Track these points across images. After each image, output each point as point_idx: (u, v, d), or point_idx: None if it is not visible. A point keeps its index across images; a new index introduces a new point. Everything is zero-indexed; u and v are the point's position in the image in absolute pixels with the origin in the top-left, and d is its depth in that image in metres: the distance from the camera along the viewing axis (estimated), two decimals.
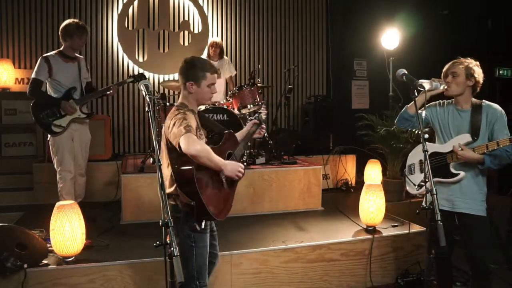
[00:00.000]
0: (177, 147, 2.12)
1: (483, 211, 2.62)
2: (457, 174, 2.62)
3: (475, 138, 2.58)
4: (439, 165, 2.68)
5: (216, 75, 2.35)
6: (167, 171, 2.23)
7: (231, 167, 2.24)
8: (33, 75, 3.55)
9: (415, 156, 2.92)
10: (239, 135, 2.62)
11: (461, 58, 2.70)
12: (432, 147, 2.74)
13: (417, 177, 2.82)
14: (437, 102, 2.82)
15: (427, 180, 2.24)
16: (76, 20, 3.68)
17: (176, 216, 2.17)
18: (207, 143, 2.33)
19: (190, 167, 2.09)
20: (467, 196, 2.63)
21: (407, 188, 2.90)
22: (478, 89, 2.65)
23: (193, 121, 2.18)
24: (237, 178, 2.30)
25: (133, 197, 3.90)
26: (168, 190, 2.21)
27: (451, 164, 2.64)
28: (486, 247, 2.65)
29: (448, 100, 2.78)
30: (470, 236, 2.64)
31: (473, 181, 2.63)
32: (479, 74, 2.64)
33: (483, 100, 2.67)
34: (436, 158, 2.71)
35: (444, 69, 2.72)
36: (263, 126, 2.68)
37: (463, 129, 2.65)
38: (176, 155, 2.17)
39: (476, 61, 2.68)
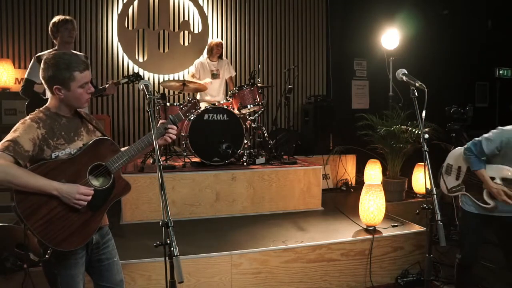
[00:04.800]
0: None
1: None
2: (488, 204, 2.59)
3: None
4: (475, 184, 2.64)
5: (88, 71, 1.93)
6: None
7: (66, 191, 1.79)
8: (26, 75, 3.54)
9: (457, 159, 2.84)
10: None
11: None
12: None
13: (451, 181, 2.81)
14: None
15: (460, 188, 2.14)
16: (60, 16, 3.66)
17: None
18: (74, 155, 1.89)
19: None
20: None
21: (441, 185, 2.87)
22: None
23: (30, 133, 1.80)
24: (75, 205, 1.82)
25: (132, 197, 3.89)
26: None
27: (485, 190, 2.61)
28: None
29: None
30: None
31: None
32: None
33: None
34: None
35: None
36: (169, 128, 2.10)
37: None
38: None
39: None
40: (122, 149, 2.07)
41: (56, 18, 3.62)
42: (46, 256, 1.82)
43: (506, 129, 2.60)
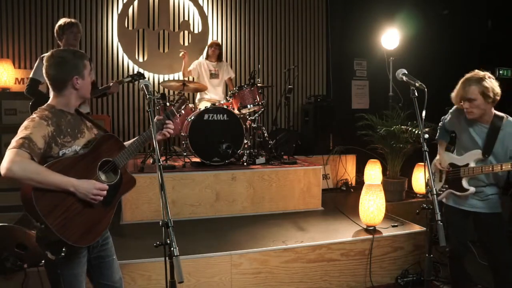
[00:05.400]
0: None
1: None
2: (467, 190, 2.64)
3: (486, 155, 2.58)
4: (454, 178, 2.70)
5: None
6: None
7: (83, 187, 1.81)
8: (31, 75, 3.59)
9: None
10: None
11: (469, 76, 2.57)
12: (451, 158, 2.78)
13: (435, 185, 2.85)
14: (462, 109, 2.69)
15: (444, 189, 2.31)
16: (66, 19, 3.71)
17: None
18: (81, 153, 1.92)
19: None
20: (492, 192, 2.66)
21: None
22: (498, 98, 2.55)
23: (41, 130, 1.79)
24: (93, 200, 1.85)
25: (132, 197, 3.89)
26: None
27: (463, 178, 2.66)
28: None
29: None
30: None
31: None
32: (494, 87, 2.52)
33: (508, 116, 2.60)
34: (452, 170, 2.73)
35: (456, 92, 2.62)
36: (167, 123, 2.17)
37: (478, 144, 2.63)
38: None
39: (483, 71, 2.56)
40: (125, 143, 2.11)
41: (62, 21, 3.67)
42: (62, 254, 1.82)
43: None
